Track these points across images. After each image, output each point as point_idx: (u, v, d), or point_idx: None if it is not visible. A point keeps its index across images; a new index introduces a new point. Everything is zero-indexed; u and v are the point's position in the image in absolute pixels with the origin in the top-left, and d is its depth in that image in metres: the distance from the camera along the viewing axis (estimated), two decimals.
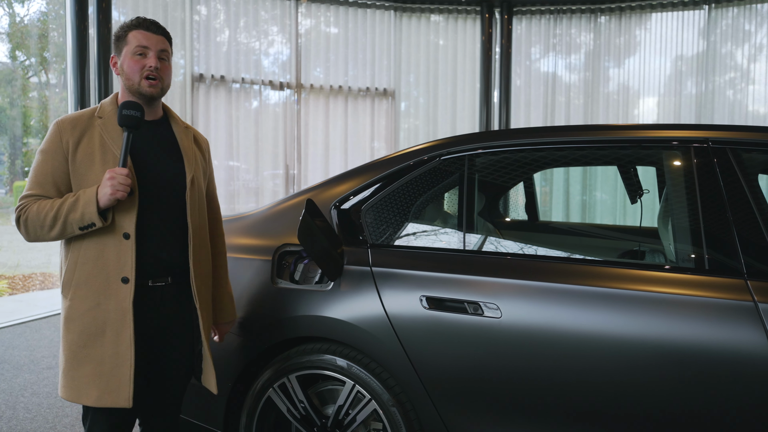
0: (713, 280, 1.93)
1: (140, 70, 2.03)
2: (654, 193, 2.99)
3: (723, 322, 1.84)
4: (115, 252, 1.96)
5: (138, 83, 2.04)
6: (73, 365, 1.97)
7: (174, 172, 2.11)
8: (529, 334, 2.05)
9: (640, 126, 2.26)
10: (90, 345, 1.96)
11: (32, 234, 1.97)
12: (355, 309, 2.30)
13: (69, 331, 1.98)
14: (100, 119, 2.04)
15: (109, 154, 2.00)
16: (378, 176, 2.50)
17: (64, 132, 1.99)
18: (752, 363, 1.78)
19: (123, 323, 1.95)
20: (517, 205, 3.52)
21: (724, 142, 2.07)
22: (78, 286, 1.97)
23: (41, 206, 1.94)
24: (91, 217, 1.90)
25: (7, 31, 15.00)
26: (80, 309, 1.97)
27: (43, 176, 1.98)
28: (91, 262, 1.97)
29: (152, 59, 2.04)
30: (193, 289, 2.12)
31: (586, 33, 8.54)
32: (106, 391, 1.95)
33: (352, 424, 2.34)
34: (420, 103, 8.60)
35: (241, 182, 7.62)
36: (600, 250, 3.21)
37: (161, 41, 2.08)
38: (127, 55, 2.04)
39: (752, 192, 1.98)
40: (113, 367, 1.95)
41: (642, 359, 1.91)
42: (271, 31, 7.95)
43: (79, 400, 1.96)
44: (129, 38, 2.05)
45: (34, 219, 1.94)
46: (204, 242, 2.20)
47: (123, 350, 1.95)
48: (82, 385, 1.96)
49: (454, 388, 2.16)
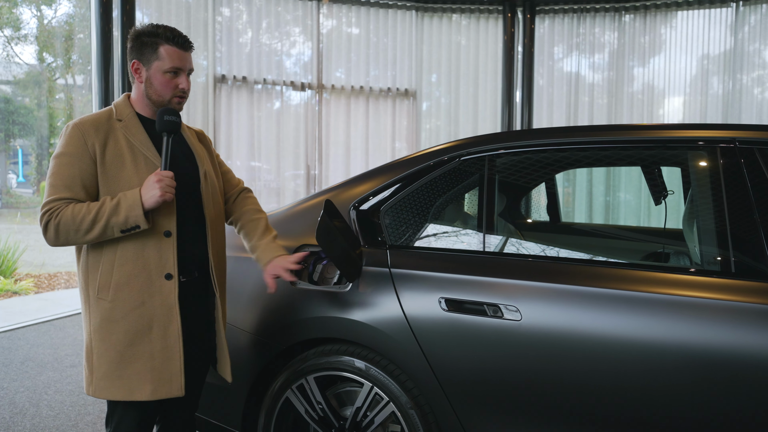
0: (740, 283, 1.88)
1: (173, 90, 2.06)
2: (679, 194, 2.94)
3: (749, 326, 1.79)
4: (156, 250, 2.01)
5: (169, 101, 2.07)
6: (120, 365, 1.99)
7: (190, 169, 2.17)
8: (550, 337, 2.01)
9: (664, 126, 2.22)
10: (137, 342, 2.00)
11: (62, 238, 1.95)
12: (374, 310, 2.28)
13: (112, 333, 1.99)
14: (119, 122, 2.05)
15: (140, 157, 2.03)
16: (397, 177, 2.48)
17: (88, 135, 1.99)
18: None
19: (170, 318, 2.02)
20: (538, 206, 3.48)
21: (752, 143, 2.02)
22: (119, 287, 1.99)
23: (76, 210, 1.93)
24: (136, 220, 1.93)
25: (35, 34, 15.24)
26: (125, 308, 1.99)
27: (70, 179, 1.96)
28: (130, 262, 1.99)
29: (185, 81, 2.08)
30: (213, 279, 2.18)
31: (610, 32, 8.44)
32: (160, 384, 2.01)
33: (370, 426, 2.32)
34: (442, 103, 8.56)
35: (262, 182, 7.65)
36: (623, 252, 3.15)
37: (190, 59, 2.11)
38: (158, 70, 2.04)
39: None
40: (164, 360, 2.01)
41: (665, 364, 1.86)
42: (293, 32, 7.97)
43: (133, 396, 2.00)
44: (161, 52, 2.03)
45: (68, 222, 1.92)
46: (220, 233, 2.26)
47: (172, 343, 2.02)
48: (133, 382, 1.99)
49: (473, 390, 2.13)
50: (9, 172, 18.10)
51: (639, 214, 7.94)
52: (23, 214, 14.25)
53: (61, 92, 15.41)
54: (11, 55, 15.12)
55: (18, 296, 7.08)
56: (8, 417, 3.59)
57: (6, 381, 4.19)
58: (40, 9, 15.20)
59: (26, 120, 15.81)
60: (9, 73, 15.36)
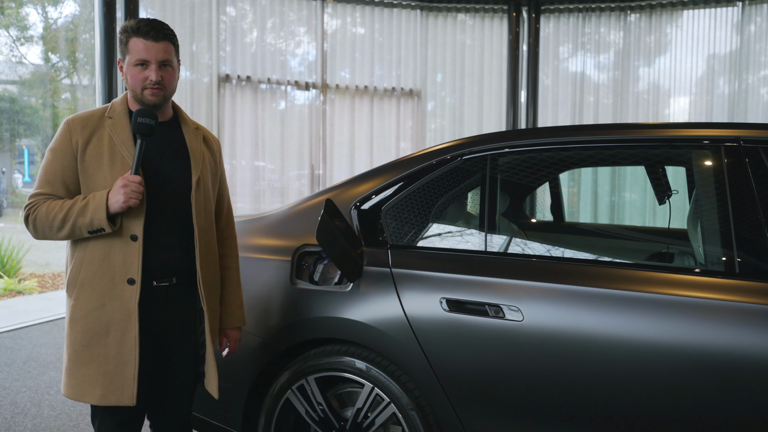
0: (744, 284, 1.86)
1: (142, 82, 1.99)
2: (684, 193, 2.91)
3: (754, 327, 1.77)
4: (122, 253, 1.95)
5: (140, 94, 2.00)
6: (76, 364, 1.96)
7: (181, 174, 2.08)
8: (552, 338, 1.99)
9: (669, 125, 2.19)
10: (94, 344, 1.95)
11: (40, 233, 1.97)
12: (375, 311, 2.27)
13: (73, 330, 1.98)
14: (110, 119, 2.02)
15: (118, 156, 1.98)
16: (399, 176, 2.47)
17: (74, 131, 1.97)
18: None
19: (128, 323, 1.95)
20: (541, 205, 3.45)
21: (757, 141, 1.99)
22: (83, 285, 1.97)
23: (50, 207, 1.93)
24: (100, 223, 1.90)
25: (41, 34, 15.28)
26: (84, 309, 1.96)
27: (52, 175, 1.97)
28: (96, 262, 1.96)
29: (153, 72, 1.98)
30: (201, 292, 2.09)
31: (616, 31, 8.41)
32: (110, 390, 1.94)
33: (371, 427, 2.31)
34: (446, 103, 8.54)
35: (266, 182, 7.64)
36: (627, 252, 3.13)
37: (162, 49, 1.99)
38: (129, 64, 1.99)
39: None
40: (117, 366, 1.94)
41: (669, 365, 1.84)
42: (298, 32, 7.96)
43: (83, 398, 1.96)
44: (130, 46, 1.98)
45: (42, 219, 1.93)
46: (211, 244, 2.17)
47: (128, 350, 1.95)
48: (85, 383, 1.95)
49: (475, 391, 2.11)
50: (15, 172, 18.17)
51: (644, 213, 7.91)
52: None
53: (67, 92, 15.46)
54: (17, 55, 15.17)
55: (22, 296, 7.09)
56: (9, 417, 3.59)
57: (8, 381, 4.19)
58: (46, 10, 15.24)
59: (32, 120, 15.87)
60: (15, 73, 15.41)
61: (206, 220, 2.13)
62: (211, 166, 2.19)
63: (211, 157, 2.21)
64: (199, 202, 2.08)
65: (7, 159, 17.17)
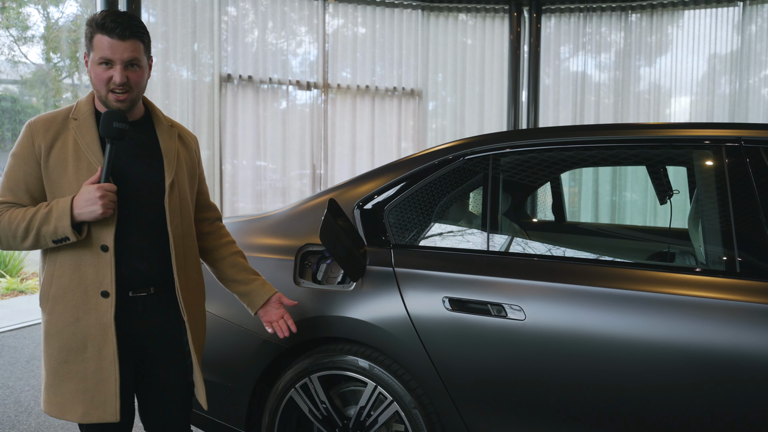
0: (745, 283, 1.87)
1: (105, 83, 1.83)
2: (686, 193, 2.92)
3: (754, 326, 1.79)
4: (93, 265, 1.84)
5: (105, 96, 1.85)
6: (55, 381, 1.87)
7: (153, 177, 1.94)
8: (554, 337, 2.01)
9: (670, 125, 2.21)
10: (71, 361, 1.86)
11: (4, 243, 1.85)
12: (378, 310, 2.28)
13: (49, 347, 1.88)
14: (75, 121, 1.88)
15: (83, 161, 1.85)
16: (401, 176, 2.48)
17: (36, 135, 1.84)
18: None
19: (105, 338, 1.85)
20: (543, 205, 3.47)
21: (758, 142, 2.01)
22: (56, 300, 1.86)
23: (13, 216, 1.81)
24: (64, 231, 1.78)
25: (42, 34, 15.29)
26: (59, 324, 1.86)
27: (15, 182, 1.84)
28: (67, 275, 1.84)
29: (117, 73, 1.82)
30: (180, 302, 1.97)
31: (617, 31, 8.42)
32: (91, 407, 1.86)
33: (373, 425, 2.33)
34: (448, 102, 8.56)
35: (268, 182, 7.65)
36: (628, 252, 3.14)
37: (129, 48, 1.81)
38: (93, 62, 1.82)
39: None
40: (97, 383, 1.86)
41: (670, 364, 1.86)
42: (299, 32, 7.97)
43: (64, 416, 1.87)
44: (95, 42, 1.81)
45: (5, 229, 1.81)
46: (191, 250, 2.06)
47: (107, 365, 1.85)
48: (66, 401, 1.86)
49: (477, 390, 2.13)
50: None
51: (646, 213, 7.92)
52: None
53: (68, 92, 15.48)
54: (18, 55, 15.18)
55: (24, 295, 7.11)
56: (13, 416, 3.61)
57: (11, 380, 4.20)
58: (47, 9, 15.26)
59: None
60: (16, 73, 15.43)
61: (183, 225, 2.00)
62: (188, 165, 2.07)
63: (187, 155, 2.08)
64: (174, 206, 1.95)
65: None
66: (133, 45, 1.83)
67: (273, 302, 2.18)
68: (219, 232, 2.24)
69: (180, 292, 1.97)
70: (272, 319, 2.17)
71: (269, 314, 2.17)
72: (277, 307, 2.18)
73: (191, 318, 2.02)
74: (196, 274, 2.09)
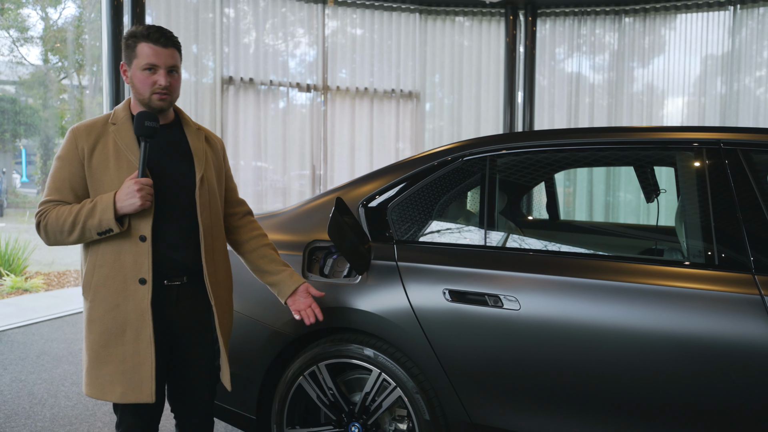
0: (723, 275, 2.03)
1: (150, 87, 2.06)
2: (674, 193, 3.08)
3: (731, 314, 1.95)
4: (132, 254, 2.03)
5: (148, 98, 2.08)
6: (96, 364, 2.06)
7: (185, 173, 2.15)
8: (547, 326, 2.17)
9: (656, 128, 2.37)
10: (111, 344, 2.04)
11: (52, 239, 2.05)
12: (382, 301, 2.44)
13: (91, 332, 2.07)
14: (113, 125, 2.10)
15: (123, 160, 2.06)
16: (403, 176, 2.63)
17: (80, 138, 2.06)
18: (759, 354, 1.88)
19: (142, 322, 2.03)
20: (538, 204, 3.63)
21: (736, 144, 2.17)
22: (97, 288, 2.05)
23: (60, 212, 2.01)
24: (108, 223, 1.97)
25: (41, 35, 15.41)
26: (100, 310, 2.05)
27: (60, 182, 2.05)
28: (108, 264, 2.04)
29: (162, 77, 2.06)
30: (208, 288, 2.16)
31: (611, 33, 8.58)
32: (129, 388, 2.04)
33: (378, 410, 2.48)
34: (445, 104, 8.71)
35: (268, 182, 7.79)
36: (618, 248, 3.30)
37: (170, 55, 2.08)
38: (137, 68, 2.06)
39: (761, 192, 2.08)
40: (135, 365, 2.04)
41: (654, 351, 2.01)
42: (297, 33, 8.11)
43: (104, 397, 2.05)
44: (138, 51, 2.05)
45: (53, 224, 2.01)
46: (219, 240, 2.25)
47: (143, 348, 2.04)
48: (105, 383, 2.05)
49: (475, 376, 2.28)
50: (14, 172, 18.28)
51: (639, 212, 8.08)
52: (31, 213, 14.46)
53: (65, 93, 15.59)
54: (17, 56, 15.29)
55: (29, 293, 7.24)
56: (28, 407, 3.75)
57: (23, 374, 4.35)
58: (46, 11, 15.37)
59: (31, 120, 16.00)
60: (15, 74, 15.54)
61: (212, 218, 2.20)
62: (215, 164, 2.27)
63: (214, 155, 2.29)
64: (203, 200, 2.16)
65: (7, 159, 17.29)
66: (173, 53, 2.10)
67: (300, 292, 2.34)
68: (250, 225, 2.42)
69: (208, 279, 2.16)
70: (300, 308, 2.32)
71: (297, 303, 2.33)
72: (305, 297, 2.33)
73: (218, 303, 2.21)
74: (224, 264, 2.28)
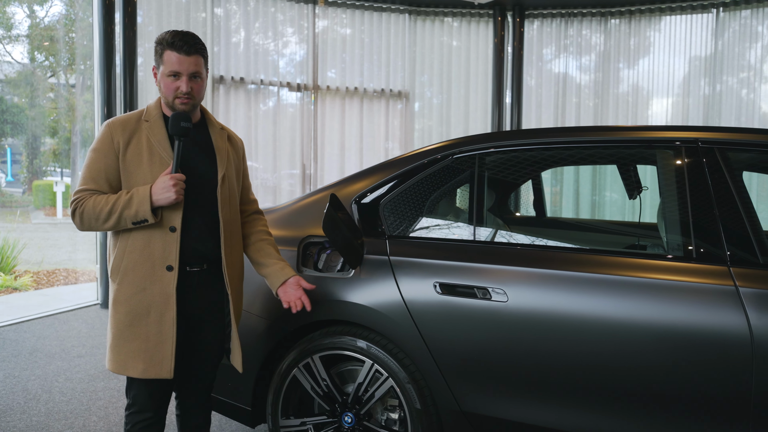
0: (700, 267, 2.15)
1: (174, 92, 2.22)
2: (656, 190, 3.20)
3: (708, 304, 2.06)
4: (161, 243, 2.20)
5: (172, 102, 2.24)
6: (120, 341, 2.22)
7: (209, 171, 2.32)
8: (533, 317, 2.27)
9: (637, 127, 2.48)
10: (136, 324, 2.20)
11: (86, 225, 2.21)
12: (375, 294, 2.53)
13: (117, 312, 2.23)
14: (146, 122, 2.26)
15: (156, 156, 2.23)
16: (395, 173, 2.73)
17: (115, 132, 2.22)
18: (733, 342, 2.00)
19: (167, 306, 2.20)
20: (525, 201, 3.73)
21: (712, 143, 2.28)
22: (126, 272, 2.21)
23: (97, 201, 2.17)
24: (144, 214, 2.14)
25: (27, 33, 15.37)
26: (127, 292, 2.21)
27: (96, 172, 2.21)
28: (138, 251, 2.20)
29: (183, 84, 2.20)
30: (225, 276, 2.33)
31: (598, 35, 8.72)
32: (150, 365, 2.20)
33: (370, 400, 2.57)
34: (434, 104, 8.81)
35: (259, 181, 7.86)
36: (603, 243, 3.41)
37: (193, 63, 2.21)
38: (163, 75, 2.22)
39: (737, 188, 2.20)
40: (157, 344, 2.20)
41: (636, 340, 2.12)
42: (287, 33, 8.18)
43: (126, 372, 2.21)
44: (165, 58, 2.20)
45: (89, 212, 2.17)
46: (236, 233, 2.42)
47: (166, 329, 2.21)
48: (128, 359, 2.21)
49: (465, 366, 2.38)
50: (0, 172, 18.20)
51: (624, 209, 8.23)
52: (23, 212, 14.42)
53: (53, 91, 15.55)
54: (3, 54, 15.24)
55: (18, 292, 7.28)
56: (23, 402, 3.82)
57: (17, 370, 4.40)
58: (33, 8, 15.33)
59: (17, 119, 15.95)
60: (0, 72, 15.48)
61: (230, 212, 2.37)
62: (235, 162, 2.44)
63: (234, 154, 2.46)
64: (224, 195, 2.33)
65: None
66: (196, 60, 2.22)
67: (291, 284, 2.44)
68: (255, 222, 2.57)
69: (226, 268, 2.33)
70: (289, 299, 2.42)
71: (287, 294, 2.43)
72: (295, 288, 2.43)
73: (233, 290, 2.38)
74: (239, 255, 2.46)
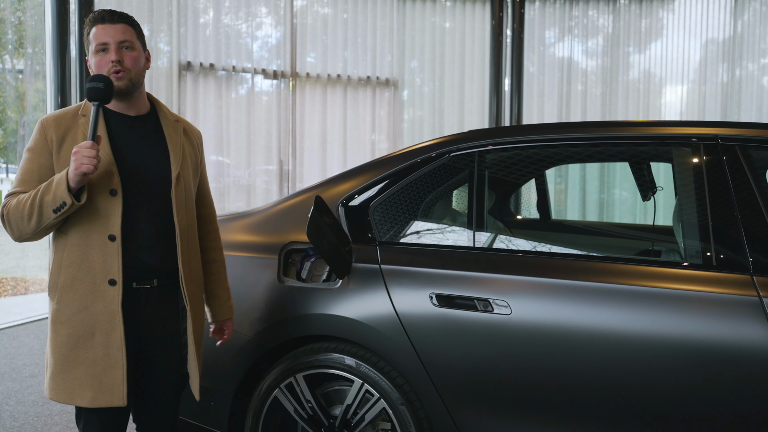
0: (721, 275, 2.18)
1: (106, 66, 2.16)
2: (671, 190, 3.23)
3: (729, 316, 2.09)
4: (101, 254, 2.12)
5: None
6: (64, 368, 2.14)
7: (160, 169, 2.24)
8: (539, 331, 2.29)
9: (652, 123, 2.51)
10: (80, 347, 2.13)
11: (15, 228, 2.11)
12: (364, 307, 2.55)
13: (57, 334, 2.15)
14: (84, 117, 2.19)
15: None
16: (386, 173, 2.74)
17: (49, 130, 2.16)
18: (758, 357, 2.03)
19: (112, 325, 2.13)
20: (528, 202, 3.76)
21: (733, 140, 2.32)
22: (64, 289, 2.14)
23: (20, 198, 2.09)
24: (62, 196, 2.00)
25: None
26: (68, 312, 2.14)
27: (28, 174, 2.14)
28: (75, 264, 2.13)
29: (112, 53, 2.16)
30: (183, 292, 2.27)
31: (605, 16, 8.77)
32: (100, 392, 2.13)
33: (360, 423, 2.59)
34: (425, 92, 8.82)
35: (231, 179, 7.83)
36: (613, 248, 3.45)
37: (120, 31, 2.18)
38: (93, 55, 2.19)
39: (759, 189, 2.23)
40: (105, 368, 2.13)
41: (651, 355, 2.15)
42: (260, 13, 8.15)
43: (73, 401, 2.14)
44: (92, 36, 2.19)
45: (14, 211, 2.08)
46: (193, 240, 2.35)
47: (114, 352, 2.13)
48: (75, 386, 2.13)
49: (464, 385, 2.40)
50: None
51: (635, 211, 8.29)
52: None
53: None
54: None
55: None
56: None
57: None
58: None
59: None
60: None
61: (187, 216, 2.31)
62: (191, 159, 2.37)
63: (191, 150, 2.38)
64: (179, 198, 2.25)
65: None
66: (124, 28, 2.20)
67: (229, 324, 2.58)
68: (211, 234, 2.54)
69: (184, 283, 2.27)
70: (220, 336, 2.58)
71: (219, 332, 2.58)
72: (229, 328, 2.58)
73: (193, 307, 2.32)
74: (197, 265, 2.40)
